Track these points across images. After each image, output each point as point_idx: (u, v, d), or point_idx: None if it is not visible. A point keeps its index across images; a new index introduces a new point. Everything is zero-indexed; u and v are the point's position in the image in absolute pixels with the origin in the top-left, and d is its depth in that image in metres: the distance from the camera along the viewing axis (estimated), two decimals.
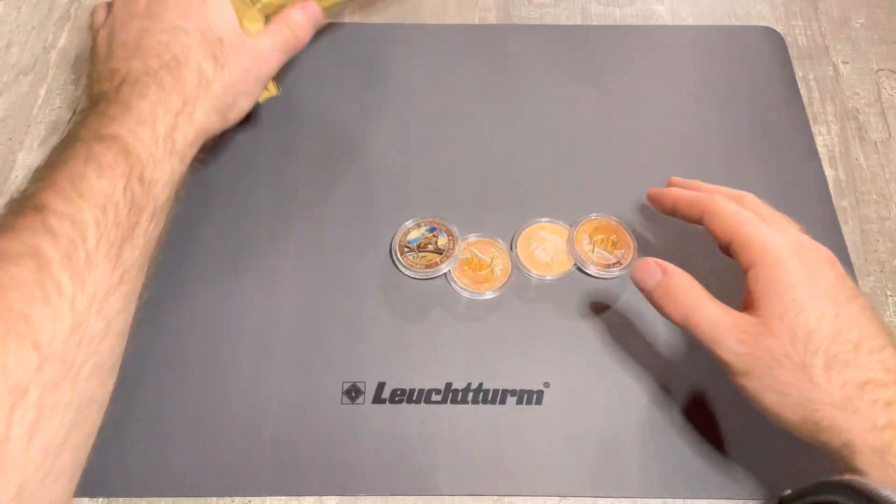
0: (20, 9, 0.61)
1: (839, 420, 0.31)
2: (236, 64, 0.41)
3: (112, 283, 0.33)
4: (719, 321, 0.35)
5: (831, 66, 0.58)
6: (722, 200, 0.38)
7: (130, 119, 0.35)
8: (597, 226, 0.48)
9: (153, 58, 0.39)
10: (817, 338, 0.32)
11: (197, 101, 0.39)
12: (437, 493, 0.40)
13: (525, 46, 0.58)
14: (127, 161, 0.34)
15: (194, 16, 0.41)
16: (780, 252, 0.34)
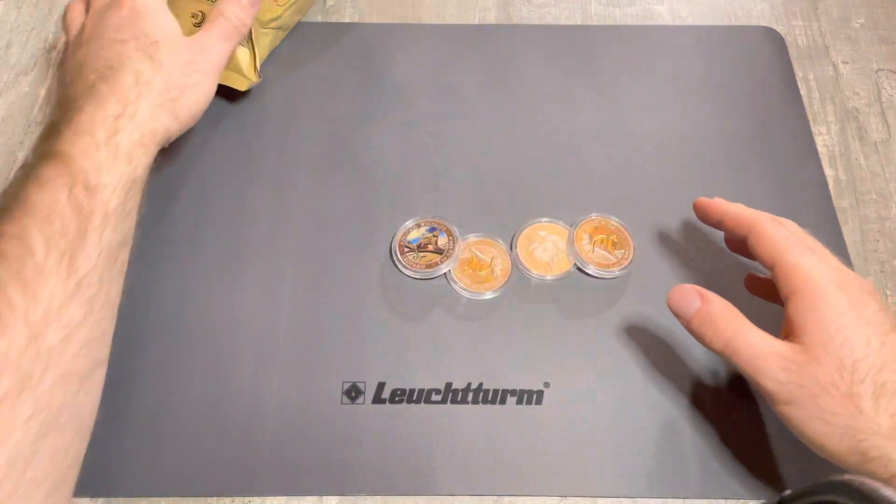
0: (20, 9, 0.61)
1: (889, 450, 0.31)
2: (175, 59, 0.42)
3: (68, 291, 0.33)
4: (762, 350, 0.34)
5: (831, 66, 0.58)
6: (769, 222, 0.38)
7: (69, 132, 0.37)
8: (597, 226, 0.48)
9: (91, 73, 0.40)
10: (864, 367, 0.32)
11: (139, 101, 0.39)
12: (437, 493, 0.40)
13: (525, 46, 0.58)
14: (68, 171, 0.35)
15: (129, 27, 0.42)
16: (824, 281, 0.34)
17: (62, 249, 0.33)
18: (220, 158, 0.52)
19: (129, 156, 0.38)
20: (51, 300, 0.32)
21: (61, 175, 0.35)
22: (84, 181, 0.35)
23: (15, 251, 0.33)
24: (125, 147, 0.38)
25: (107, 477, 0.40)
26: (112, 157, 0.37)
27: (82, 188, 0.35)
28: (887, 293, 0.47)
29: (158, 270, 0.47)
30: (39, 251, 0.33)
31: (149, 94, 0.40)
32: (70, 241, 0.34)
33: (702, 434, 0.42)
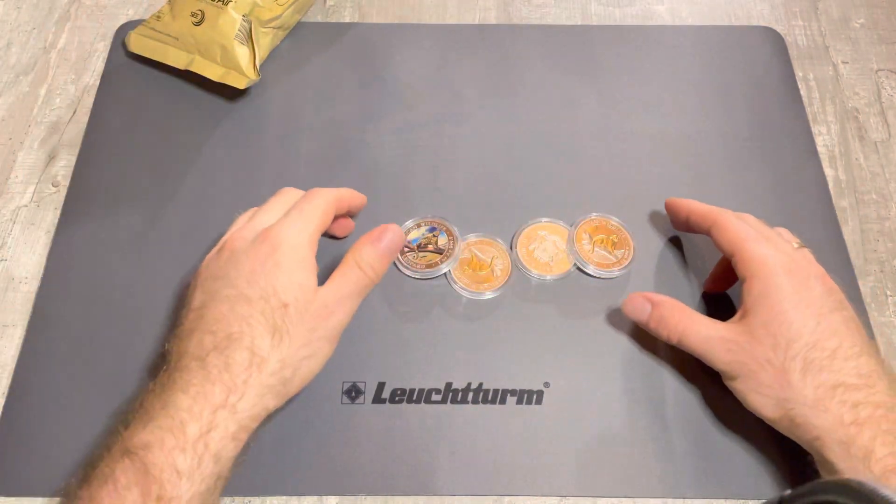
0: (20, 9, 0.61)
1: (811, 417, 0.35)
2: (300, 329, 0.37)
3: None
4: (708, 336, 0.39)
5: (831, 66, 0.58)
6: (730, 216, 0.42)
7: (164, 421, 0.34)
8: (597, 226, 0.48)
9: (208, 335, 0.36)
10: (797, 345, 0.36)
11: (246, 386, 0.35)
12: (437, 493, 0.40)
13: (525, 46, 0.58)
14: (145, 481, 0.32)
15: (262, 279, 0.37)
16: (774, 267, 0.38)
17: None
18: (220, 158, 0.52)
19: (216, 455, 0.34)
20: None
21: (136, 484, 0.32)
22: (158, 494, 0.32)
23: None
24: (215, 446, 0.34)
25: None
26: (196, 463, 0.33)
27: (155, 501, 0.32)
28: (887, 293, 0.47)
29: (158, 270, 0.47)
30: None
31: (260, 376, 0.36)
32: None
33: (702, 434, 0.42)
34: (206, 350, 0.36)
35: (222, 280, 0.38)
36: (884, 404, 0.34)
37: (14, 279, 0.48)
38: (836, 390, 0.35)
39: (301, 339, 0.37)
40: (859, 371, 0.35)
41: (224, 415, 0.34)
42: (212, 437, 0.34)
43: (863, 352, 0.36)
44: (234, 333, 0.36)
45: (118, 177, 0.51)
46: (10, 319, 0.46)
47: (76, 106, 0.55)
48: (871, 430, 0.33)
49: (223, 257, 0.39)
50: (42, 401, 0.43)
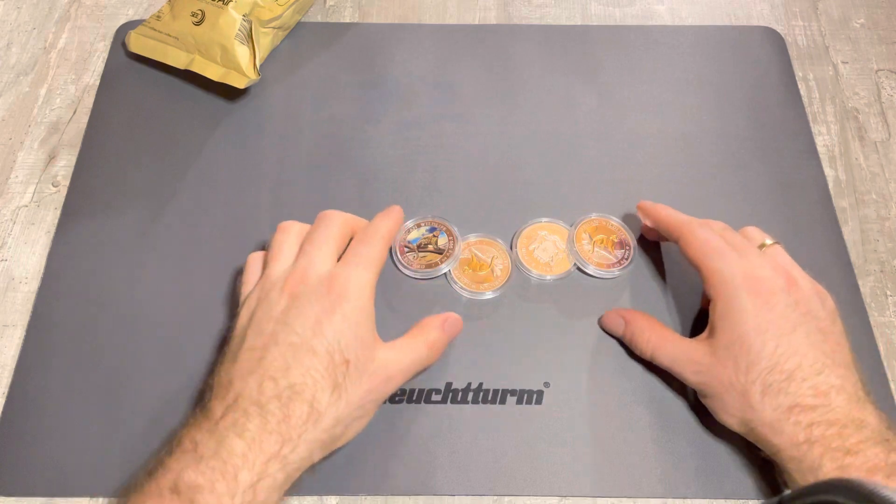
0: (20, 9, 0.61)
1: (769, 437, 0.37)
2: (357, 388, 0.37)
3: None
4: (677, 357, 0.41)
5: (831, 66, 0.58)
6: (694, 228, 0.42)
7: (217, 464, 0.33)
8: (597, 226, 0.48)
9: (269, 381, 0.36)
10: (756, 369, 0.37)
11: (299, 439, 0.35)
12: (437, 493, 0.40)
13: (525, 46, 0.58)
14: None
15: (328, 331, 0.37)
16: (736, 288, 0.38)
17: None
18: (220, 158, 0.52)
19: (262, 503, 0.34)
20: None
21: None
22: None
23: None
24: (262, 496, 0.34)
25: (106, 477, 0.40)
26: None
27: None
28: (887, 293, 0.47)
29: (158, 270, 0.47)
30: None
31: (314, 431, 0.35)
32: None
33: (702, 434, 0.42)
34: (267, 397, 0.35)
35: (284, 325, 0.37)
36: (837, 422, 0.35)
37: (14, 279, 0.48)
38: (792, 411, 0.36)
39: (357, 400, 0.37)
40: (816, 390, 0.36)
41: (275, 466, 0.34)
42: (261, 486, 0.34)
43: (824, 367, 0.37)
44: (296, 385, 0.36)
45: (118, 177, 0.51)
46: (10, 319, 0.46)
47: (76, 106, 0.55)
48: (821, 448, 0.35)
49: (283, 300, 0.38)
50: (42, 401, 0.43)
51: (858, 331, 0.45)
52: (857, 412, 0.35)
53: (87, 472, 0.41)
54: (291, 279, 0.39)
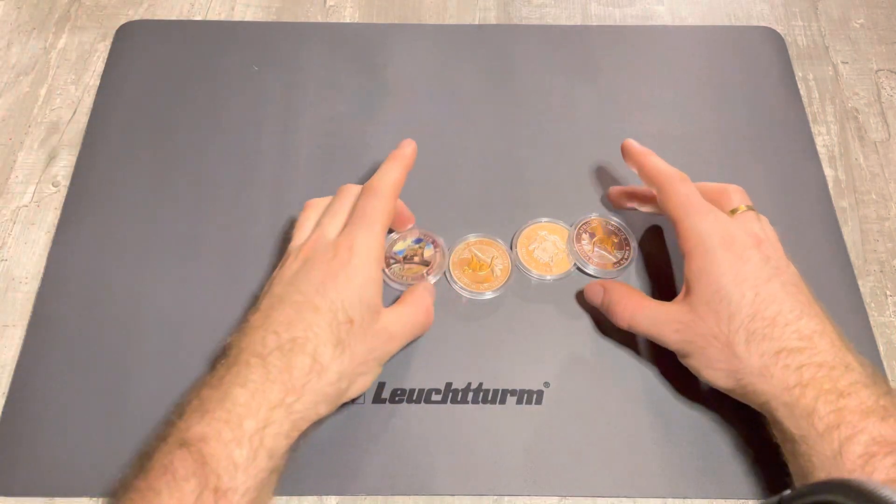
0: (20, 9, 0.61)
1: (758, 384, 0.37)
2: (360, 346, 0.38)
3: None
4: (656, 319, 0.41)
5: (831, 66, 0.58)
6: (676, 182, 0.42)
7: (222, 414, 0.34)
8: (596, 226, 0.48)
9: (272, 335, 0.37)
10: (738, 318, 0.37)
11: (303, 390, 0.36)
12: (437, 493, 0.40)
13: (525, 46, 0.58)
14: (202, 472, 0.33)
15: (332, 291, 0.38)
16: (712, 244, 0.39)
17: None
18: (220, 158, 0.52)
19: (270, 451, 0.35)
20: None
21: (196, 475, 0.33)
22: (215, 485, 0.33)
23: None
24: (269, 442, 0.35)
25: (107, 477, 0.40)
26: (252, 456, 0.34)
27: (212, 492, 0.33)
28: (887, 293, 0.47)
29: (158, 270, 0.47)
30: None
31: (318, 383, 0.36)
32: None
33: (702, 434, 0.42)
34: (269, 349, 0.36)
35: (292, 286, 0.39)
36: (826, 364, 0.35)
37: (14, 279, 0.48)
38: (779, 356, 0.36)
39: (360, 356, 0.38)
40: (800, 334, 0.36)
41: (280, 413, 0.35)
42: (267, 433, 0.35)
43: (803, 314, 0.37)
44: (298, 338, 0.37)
45: (118, 177, 0.51)
46: (10, 319, 0.46)
47: (76, 106, 0.55)
48: (814, 391, 0.35)
49: (295, 264, 0.40)
50: (42, 401, 0.43)
51: (858, 331, 0.45)
52: (842, 355, 0.36)
53: (87, 472, 0.41)
54: (305, 248, 0.41)
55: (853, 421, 0.34)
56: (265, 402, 0.35)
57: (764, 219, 0.43)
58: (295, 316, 0.37)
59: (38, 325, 0.45)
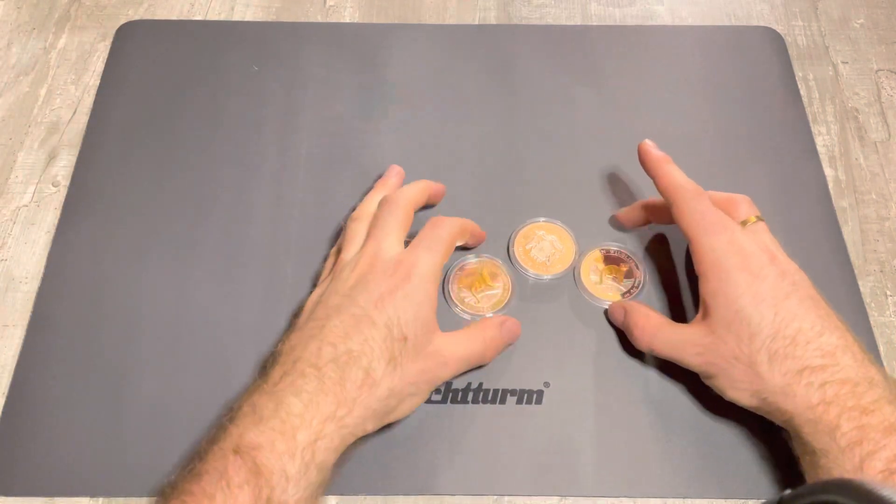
0: (20, 9, 0.61)
1: (782, 403, 0.37)
2: (413, 365, 0.38)
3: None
4: (675, 342, 0.41)
5: (831, 66, 0.58)
6: (690, 198, 0.42)
7: (276, 424, 0.34)
8: (598, 257, 0.47)
9: (328, 346, 0.37)
10: (759, 339, 0.37)
11: (354, 403, 0.36)
12: (437, 493, 0.40)
13: (525, 46, 0.58)
14: (256, 481, 0.33)
15: (390, 307, 0.38)
16: (728, 266, 0.39)
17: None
18: (220, 158, 0.52)
19: (320, 465, 0.35)
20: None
21: (247, 483, 0.33)
22: (268, 496, 0.33)
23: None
24: (320, 456, 0.35)
25: (107, 477, 0.40)
26: (304, 469, 0.34)
27: (265, 502, 0.33)
28: (887, 293, 0.47)
29: (158, 270, 0.47)
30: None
31: (369, 398, 0.36)
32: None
33: (702, 434, 0.42)
34: (325, 360, 0.36)
35: (349, 298, 0.39)
36: (849, 380, 0.35)
37: (14, 279, 0.48)
38: (802, 374, 0.36)
39: (411, 376, 0.38)
40: (822, 351, 0.36)
41: (331, 427, 0.35)
42: (318, 446, 0.35)
43: (824, 329, 0.37)
44: (354, 350, 0.37)
45: (118, 177, 0.51)
46: (10, 319, 0.46)
47: (76, 106, 0.55)
48: (838, 408, 0.35)
49: (352, 278, 0.40)
50: (42, 401, 0.43)
51: (858, 331, 0.45)
52: (865, 370, 0.36)
53: (87, 472, 0.41)
54: (362, 261, 0.41)
55: (876, 438, 0.34)
56: (318, 413, 0.35)
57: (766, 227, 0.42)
58: (352, 328, 0.38)
59: (38, 325, 0.45)
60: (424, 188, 0.46)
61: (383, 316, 0.38)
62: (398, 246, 0.42)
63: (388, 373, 0.37)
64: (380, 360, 0.37)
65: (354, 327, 0.38)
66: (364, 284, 0.39)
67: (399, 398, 0.38)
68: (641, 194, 0.50)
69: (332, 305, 0.39)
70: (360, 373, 0.36)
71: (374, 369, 0.37)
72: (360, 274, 0.40)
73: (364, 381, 0.36)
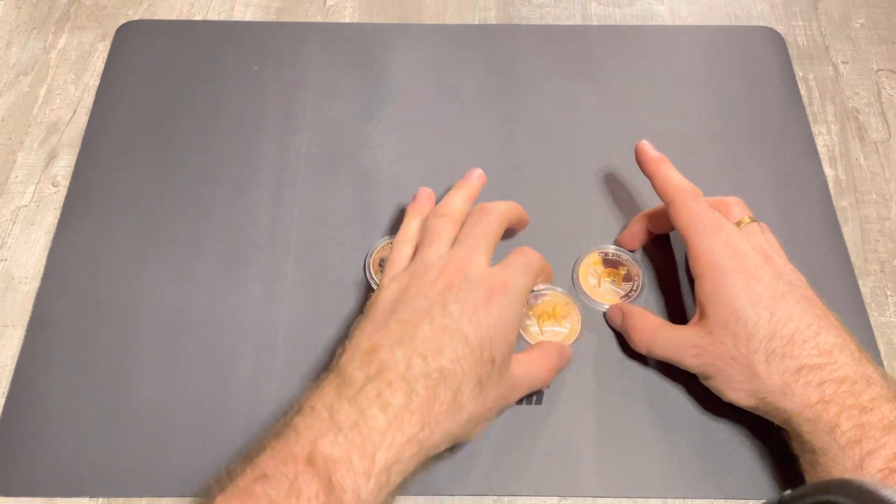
0: (20, 9, 0.61)
1: (780, 402, 0.37)
2: (494, 390, 0.36)
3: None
4: (673, 344, 0.41)
5: (831, 66, 0.58)
6: (687, 200, 0.42)
7: (356, 437, 0.32)
8: (597, 261, 0.47)
9: (419, 358, 0.34)
10: (756, 339, 0.37)
11: (437, 427, 0.34)
12: (437, 493, 0.40)
13: (525, 46, 0.58)
14: (328, 500, 0.31)
15: (482, 322, 0.36)
16: (723, 268, 0.39)
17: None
18: (220, 158, 0.52)
19: (392, 490, 0.33)
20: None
21: (319, 499, 0.31)
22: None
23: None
24: (394, 479, 0.33)
25: (107, 477, 0.40)
26: (376, 492, 0.32)
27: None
28: (887, 293, 0.47)
29: (158, 270, 0.47)
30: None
31: (450, 422, 0.34)
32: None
33: (702, 434, 0.42)
34: (415, 375, 0.34)
35: (440, 306, 0.36)
36: (847, 378, 0.36)
37: (14, 279, 0.48)
38: (800, 373, 0.36)
39: (491, 402, 0.37)
40: (819, 350, 0.36)
41: (411, 450, 0.33)
42: (394, 469, 0.33)
43: (821, 329, 0.37)
44: (446, 369, 0.35)
45: (118, 177, 0.51)
46: (10, 319, 0.46)
47: (76, 106, 0.55)
48: (836, 406, 0.35)
49: (439, 283, 0.37)
50: (42, 401, 0.43)
51: (858, 331, 0.45)
52: (863, 368, 0.36)
53: (87, 472, 0.41)
54: (451, 266, 0.38)
55: (875, 436, 0.34)
56: (401, 433, 0.33)
57: (765, 227, 0.43)
58: (446, 342, 0.35)
59: (38, 325, 0.45)
60: (516, 208, 0.44)
61: (477, 334, 0.36)
62: (488, 261, 0.39)
63: (473, 397, 0.35)
64: (469, 383, 0.35)
65: (448, 341, 0.35)
66: (456, 293, 0.37)
67: (476, 423, 0.36)
68: (641, 194, 0.50)
69: (420, 308, 0.36)
70: (449, 394, 0.34)
71: (462, 392, 0.35)
72: (449, 280, 0.38)
73: (451, 404, 0.34)
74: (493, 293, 0.37)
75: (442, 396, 0.34)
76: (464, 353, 0.35)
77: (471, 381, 0.35)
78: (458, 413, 0.35)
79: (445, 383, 0.34)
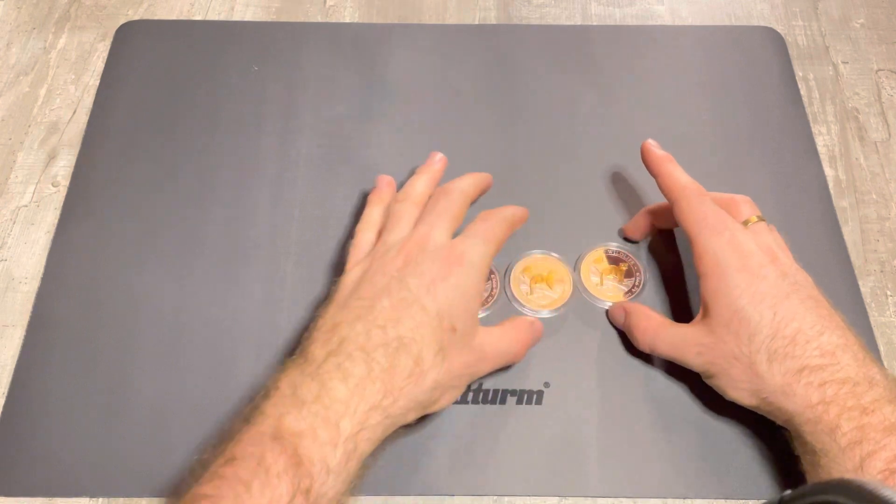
0: (20, 9, 0.61)
1: (782, 402, 0.37)
2: (459, 358, 0.37)
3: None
4: (676, 342, 0.41)
5: (831, 66, 0.58)
6: (693, 198, 0.42)
7: (319, 409, 0.33)
8: (599, 257, 0.47)
9: (378, 329, 0.36)
10: (758, 338, 0.37)
11: (401, 393, 0.35)
12: (437, 493, 0.40)
13: (525, 46, 0.58)
14: (296, 472, 0.32)
15: (441, 294, 0.37)
16: (728, 267, 0.39)
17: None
18: (220, 158, 0.52)
19: (360, 457, 0.34)
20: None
21: (286, 472, 0.31)
22: (307, 488, 0.32)
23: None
24: (362, 447, 0.34)
25: (107, 477, 0.40)
26: (345, 460, 0.33)
27: (303, 495, 0.31)
28: (887, 293, 0.47)
29: (158, 270, 0.47)
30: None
31: (415, 389, 0.35)
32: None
33: (702, 434, 0.42)
34: (374, 345, 0.35)
35: (398, 281, 0.38)
36: (849, 379, 0.35)
37: (14, 279, 0.48)
38: (802, 374, 0.36)
39: (456, 369, 0.37)
40: (822, 350, 0.36)
41: (376, 416, 0.34)
42: (361, 436, 0.34)
43: (824, 329, 0.37)
44: (405, 337, 0.36)
45: (118, 177, 0.51)
46: (10, 319, 0.46)
47: (76, 106, 0.55)
48: (837, 408, 0.35)
49: (398, 259, 0.39)
50: (42, 401, 0.43)
51: (858, 331, 0.45)
52: (865, 369, 0.36)
53: (87, 472, 0.41)
54: (410, 243, 0.40)
55: (876, 438, 0.34)
56: (364, 402, 0.34)
57: (773, 227, 0.42)
58: (403, 313, 0.36)
59: (38, 325, 0.45)
60: (479, 182, 0.45)
61: (435, 303, 0.37)
62: (449, 235, 0.40)
63: (436, 363, 0.36)
64: (429, 350, 0.36)
65: (406, 311, 0.36)
66: (414, 267, 0.38)
67: (442, 390, 0.37)
68: (641, 193, 0.50)
69: (379, 285, 0.38)
70: (410, 361, 0.35)
71: (423, 359, 0.36)
72: (408, 256, 0.39)
73: (412, 371, 0.35)
74: (451, 264, 0.38)
75: (403, 364, 0.35)
76: (422, 321, 0.36)
77: (431, 348, 0.36)
78: (420, 380, 0.35)
79: (405, 351, 0.35)
